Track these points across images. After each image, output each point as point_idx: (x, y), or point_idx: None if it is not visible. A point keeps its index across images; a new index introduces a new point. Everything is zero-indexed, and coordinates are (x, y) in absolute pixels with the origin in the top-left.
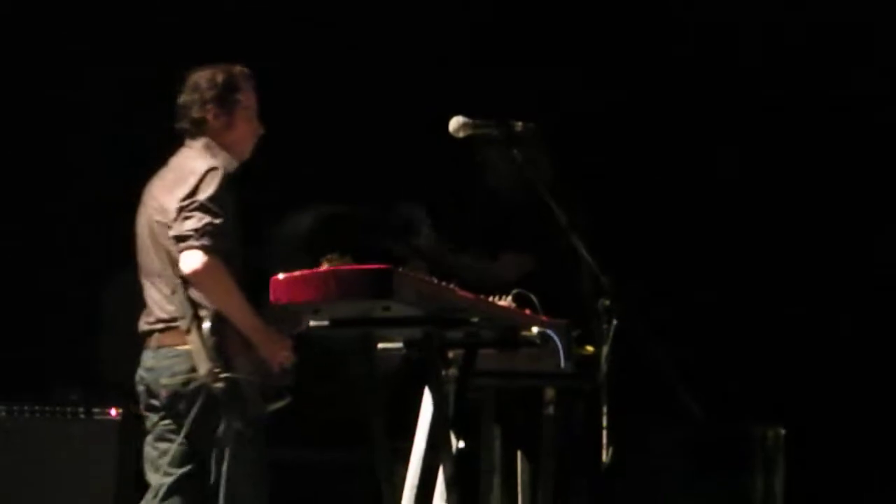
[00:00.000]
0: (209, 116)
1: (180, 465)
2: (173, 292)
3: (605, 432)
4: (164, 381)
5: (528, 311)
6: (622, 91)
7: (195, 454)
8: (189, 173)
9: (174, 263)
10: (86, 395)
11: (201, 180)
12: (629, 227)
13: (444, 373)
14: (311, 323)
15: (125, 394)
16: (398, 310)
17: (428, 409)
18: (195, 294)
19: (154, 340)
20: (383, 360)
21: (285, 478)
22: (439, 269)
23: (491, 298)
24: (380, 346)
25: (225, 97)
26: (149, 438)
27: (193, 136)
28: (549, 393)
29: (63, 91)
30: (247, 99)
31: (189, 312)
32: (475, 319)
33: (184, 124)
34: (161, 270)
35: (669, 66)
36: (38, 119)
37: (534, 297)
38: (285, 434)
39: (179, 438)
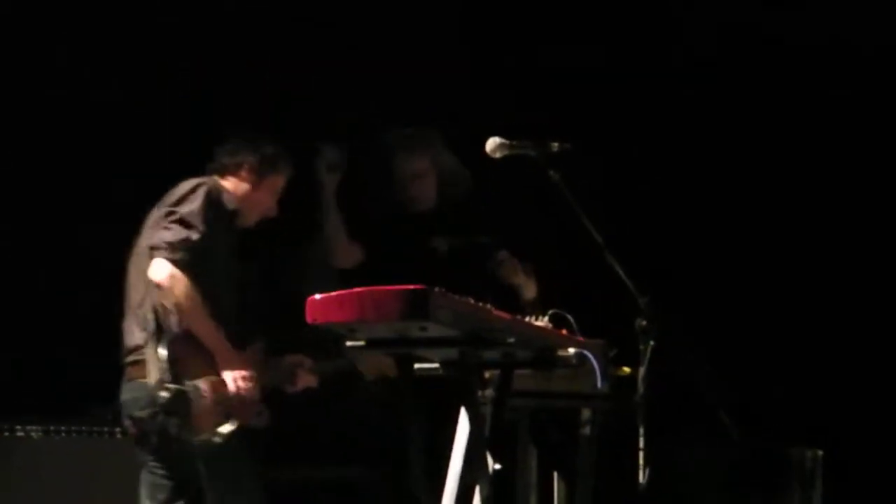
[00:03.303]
0: (245, 166)
1: (169, 500)
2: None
3: (641, 453)
4: (136, 414)
5: (564, 331)
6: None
7: (182, 488)
8: (184, 185)
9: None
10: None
11: (189, 193)
12: (664, 247)
13: (480, 393)
14: (348, 343)
15: None
16: (435, 330)
17: (464, 429)
18: (161, 310)
19: (126, 374)
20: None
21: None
22: None
23: (527, 318)
24: (416, 366)
25: (265, 162)
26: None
27: (218, 175)
28: (586, 413)
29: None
30: (279, 178)
31: (152, 326)
32: (511, 340)
33: (214, 165)
34: (141, 301)
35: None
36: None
37: (570, 317)
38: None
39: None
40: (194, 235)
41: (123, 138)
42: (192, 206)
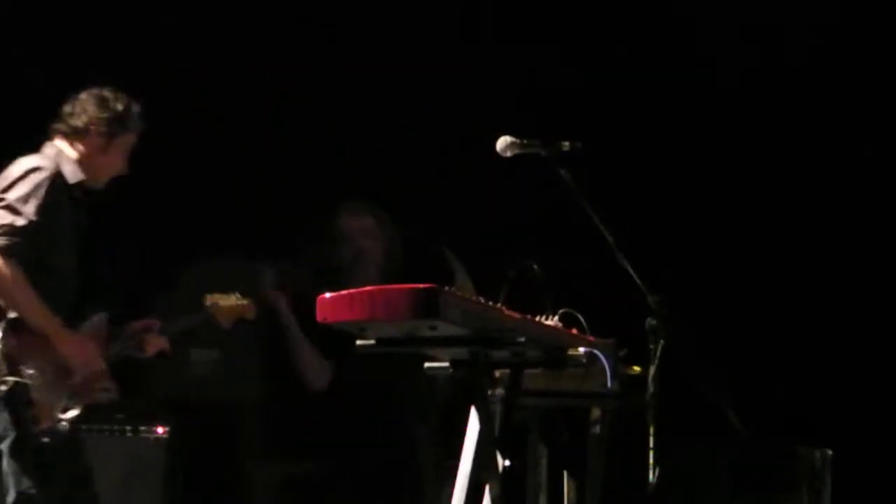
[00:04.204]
0: (92, 129)
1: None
2: None
3: (651, 452)
4: None
5: (574, 331)
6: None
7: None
8: (16, 169)
9: None
10: (132, 413)
11: (20, 179)
12: (672, 247)
13: (490, 392)
14: (358, 342)
15: (172, 410)
16: (445, 329)
17: (474, 428)
18: None
19: None
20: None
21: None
22: None
23: (537, 318)
24: (427, 365)
25: (115, 122)
26: None
27: (64, 138)
28: (596, 413)
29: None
30: (130, 136)
31: None
32: (522, 339)
33: (60, 126)
34: None
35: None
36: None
37: (580, 317)
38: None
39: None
40: (20, 221)
41: None
42: (20, 191)
